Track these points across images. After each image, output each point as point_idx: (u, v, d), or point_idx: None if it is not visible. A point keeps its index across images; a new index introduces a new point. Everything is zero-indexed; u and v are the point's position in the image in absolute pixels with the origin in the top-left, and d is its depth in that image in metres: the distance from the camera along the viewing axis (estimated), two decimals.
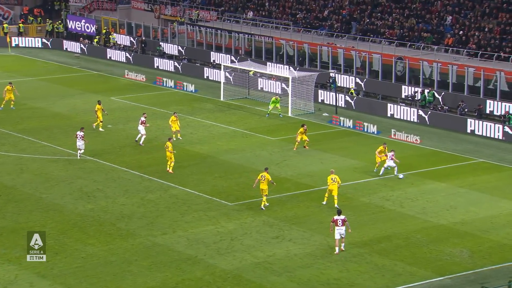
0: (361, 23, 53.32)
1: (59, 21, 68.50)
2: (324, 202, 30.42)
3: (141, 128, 37.92)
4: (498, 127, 39.87)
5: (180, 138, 38.81)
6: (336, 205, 29.67)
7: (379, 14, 53.30)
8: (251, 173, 34.06)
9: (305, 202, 30.76)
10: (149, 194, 31.40)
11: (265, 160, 35.84)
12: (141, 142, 37.98)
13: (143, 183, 32.73)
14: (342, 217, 25.88)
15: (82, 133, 35.86)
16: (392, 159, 33.45)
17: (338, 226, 25.78)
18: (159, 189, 32.00)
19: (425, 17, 51.02)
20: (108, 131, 40.70)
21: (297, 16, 57.36)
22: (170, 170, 33.63)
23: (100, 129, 40.42)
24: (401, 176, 32.69)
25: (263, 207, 29.79)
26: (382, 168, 33.65)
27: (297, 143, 37.46)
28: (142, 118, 38.01)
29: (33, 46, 64.77)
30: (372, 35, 51.48)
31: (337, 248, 25.88)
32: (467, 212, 29.73)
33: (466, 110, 42.27)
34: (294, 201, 30.82)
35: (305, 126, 37.88)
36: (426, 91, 44.13)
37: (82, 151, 35.78)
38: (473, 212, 29.70)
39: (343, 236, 25.89)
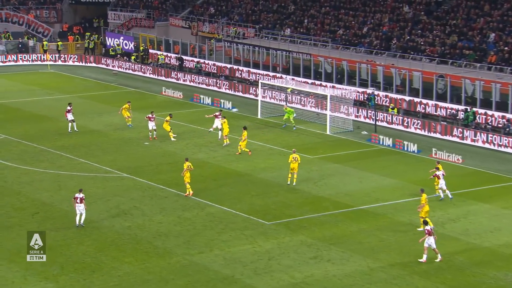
0: (401, 40, 52.98)
1: (99, 37, 69.50)
2: (288, 183, 34.06)
3: (216, 122, 41.70)
4: None
5: (175, 137, 42.20)
6: (294, 183, 33.87)
7: (419, 31, 52.91)
8: (289, 192, 33.95)
9: (344, 222, 30.53)
10: (186, 212, 31.48)
11: (302, 179, 35.70)
12: (219, 138, 41.53)
13: (180, 201, 32.84)
14: (427, 227, 26.60)
15: (150, 115, 42.12)
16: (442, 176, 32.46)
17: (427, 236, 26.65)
18: (195, 207, 32.06)
19: (467, 34, 50.50)
20: (145, 148, 41.03)
21: (336, 33, 57.26)
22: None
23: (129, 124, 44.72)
24: (450, 196, 31.55)
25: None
26: (440, 192, 32.40)
27: (239, 148, 38.98)
28: (217, 113, 42.08)
29: (72, 63, 65.80)
30: (412, 53, 51.12)
31: (424, 256, 26.56)
32: None
33: (510, 128, 41.62)
34: (333, 221, 30.60)
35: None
36: (469, 109, 43.61)
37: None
38: None
39: (430, 246, 26.37)
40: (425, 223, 26.84)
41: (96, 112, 49.39)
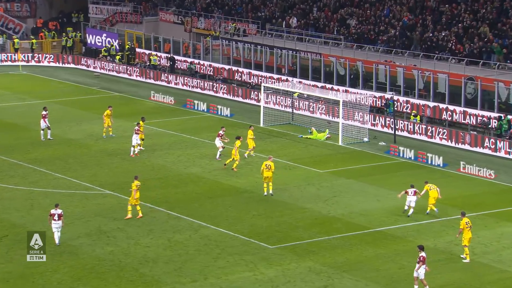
0: (424, 37, 52.98)
1: (77, 34, 69.77)
2: (265, 193, 35.25)
3: (218, 141, 40.76)
4: None
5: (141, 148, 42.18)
6: (271, 192, 35.13)
7: (445, 27, 52.93)
8: (296, 211, 34.00)
9: (359, 245, 30.56)
10: (177, 235, 31.53)
11: (311, 196, 35.75)
12: (217, 157, 40.78)
13: (170, 222, 32.89)
14: (420, 254, 26.43)
15: (137, 127, 41.59)
16: (414, 194, 33.27)
17: (417, 262, 26.46)
18: (188, 229, 32.12)
19: (501, 30, 50.32)
20: (131, 161, 41.13)
21: (350, 27, 57.19)
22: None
23: (111, 134, 45.00)
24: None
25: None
26: (406, 208, 33.38)
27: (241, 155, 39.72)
28: (220, 132, 40.89)
29: (47, 64, 66.02)
30: (437, 52, 51.20)
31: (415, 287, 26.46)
32: None
33: None
34: (346, 245, 30.63)
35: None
36: (503, 116, 43.59)
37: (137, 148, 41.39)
38: None
39: (419, 277, 26.20)
40: (421, 248, 26.73)
41: (74, 119, 49.52)
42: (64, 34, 70.18)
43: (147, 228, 32.16)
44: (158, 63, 61.84)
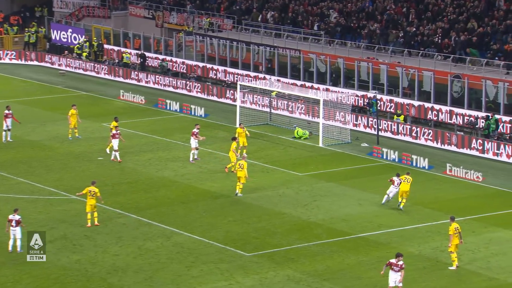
0: (408, 31, 53.21)
1: (39, 29, 69.31)
2: (238, 194, 35.88)
3: (193, 141, 40.77)
4: None
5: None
6: (240, 194, 35.76)
7: (430, 22, 53.26)
8: (273, 217, 34.07)
9: (340, 252, 30.69)
10: (148, 242, 31.50)
11: (290, 200, 35.84)
12: (190, 159, 40.94)
13: (141, 229, 32.85)
14: (400, 262, 26.33)
15: (117, 131, 41.00)
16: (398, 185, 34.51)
17: (394, 271, 26.18)
18: (160, 236, 32.09)
19: (489, 24, 50.61)
20: (99, 164, 41.00)
21: (330, 16, 57.11)
22: None
23: (77, 135, 44.89)
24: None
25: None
26: (386, 197, 34.89)
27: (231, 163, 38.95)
28: (195, 130, 40.70)
29: (9, 61, 65.65)
30: (422, 48, 51.47)
31: None
32: None
33: None
34: (326, 252, 30.74)
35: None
36: (491, 116, 43.93)
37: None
38: None
39: (398, 285, 26.15)
40: (399, 255, 26.73)
41: (38, 120, 49.30)
42: (26, 29, 69.72)
43: (116, 235, 32.08)
44: (130, 60, 61.70)
